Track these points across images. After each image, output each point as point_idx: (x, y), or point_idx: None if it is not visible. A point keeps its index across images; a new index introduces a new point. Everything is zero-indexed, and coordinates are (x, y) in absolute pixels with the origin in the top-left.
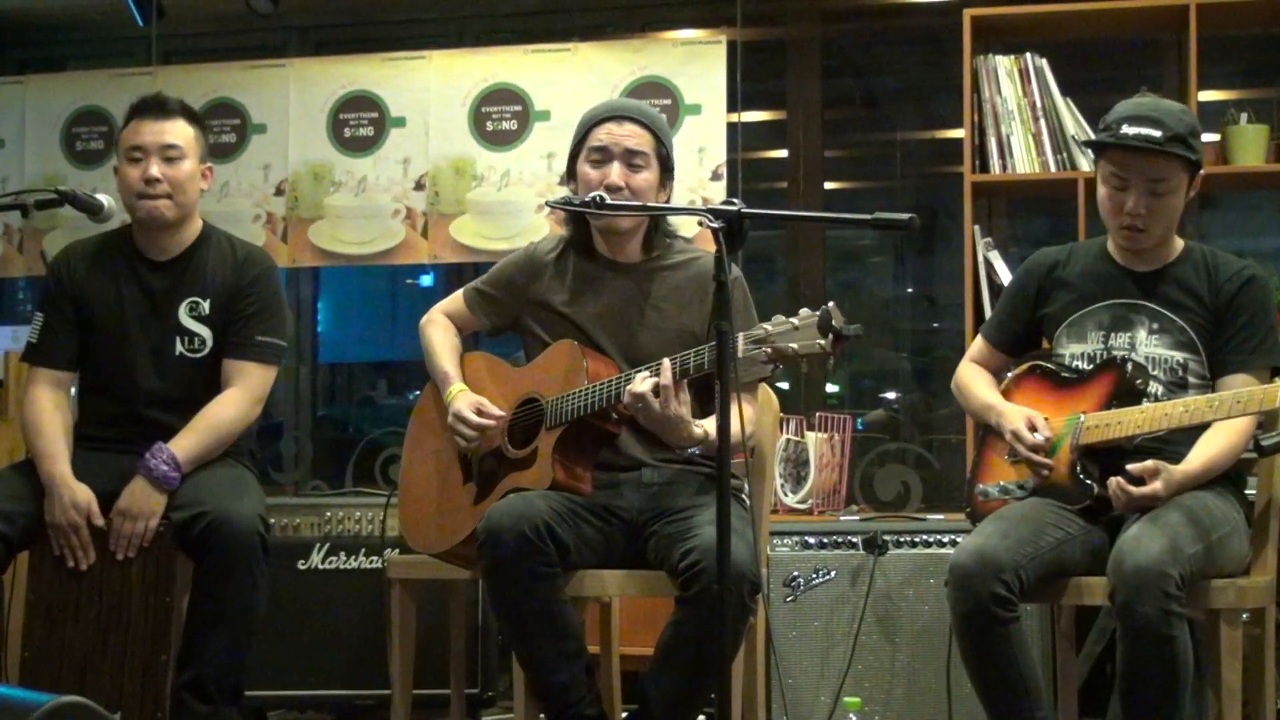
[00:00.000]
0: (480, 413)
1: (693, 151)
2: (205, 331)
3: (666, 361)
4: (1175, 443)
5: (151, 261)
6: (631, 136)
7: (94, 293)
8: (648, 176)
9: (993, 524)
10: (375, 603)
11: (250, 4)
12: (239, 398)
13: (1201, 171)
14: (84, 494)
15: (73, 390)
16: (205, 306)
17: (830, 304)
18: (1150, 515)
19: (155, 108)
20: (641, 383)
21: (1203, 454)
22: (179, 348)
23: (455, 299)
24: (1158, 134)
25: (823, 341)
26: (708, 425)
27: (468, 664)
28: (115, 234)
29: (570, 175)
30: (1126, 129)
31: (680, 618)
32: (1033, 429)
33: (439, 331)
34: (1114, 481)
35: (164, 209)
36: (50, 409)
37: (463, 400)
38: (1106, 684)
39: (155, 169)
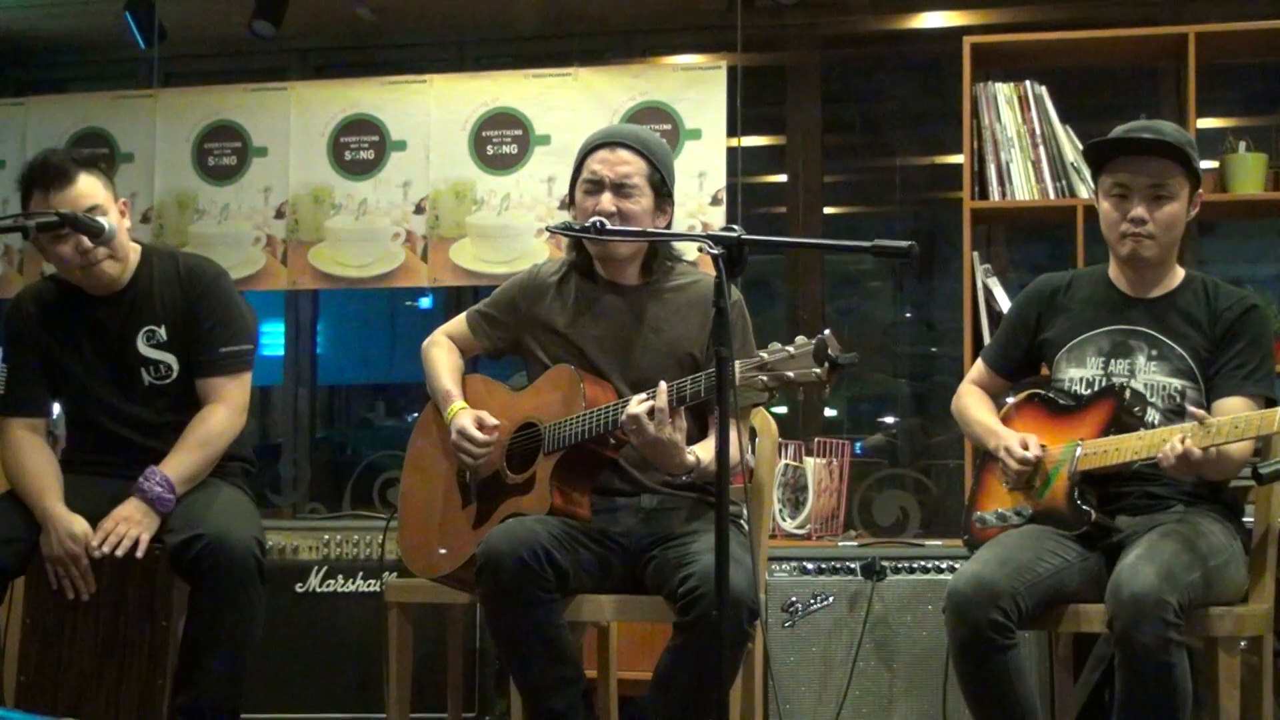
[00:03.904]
0: (482, 426)
1: (693, 176)
2: (169, 358)
3: (663, 384)
4: (1171, 471)
5: (98, 299)
6: (623, 164)
7: (51, 337)
8: (640, 203)
9: (990, 551)
10: (373, 626)
11: (252, 27)
12: (223, 412)
13: (1200, 191)
14: (80, 525)
15: (57, 408)
16: (162, 333)
17: (826, 332)
18: (1148, 543)
19: (57, 175)
20: (637, 405)
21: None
22: (146, 378)
23: (458, 322)
24: (1156, 138)
25: (818, 370)
26: (699, 452)
27: (465, 688)
28: (59, 276)
29: (571, 200)
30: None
31: (678, 643)
32: (1025, 447)
33: (442, 353)
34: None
35: (109, 269)
36: (29, 451)
37: (465, 417)
38: (1104, 711)
39: (87, 239)
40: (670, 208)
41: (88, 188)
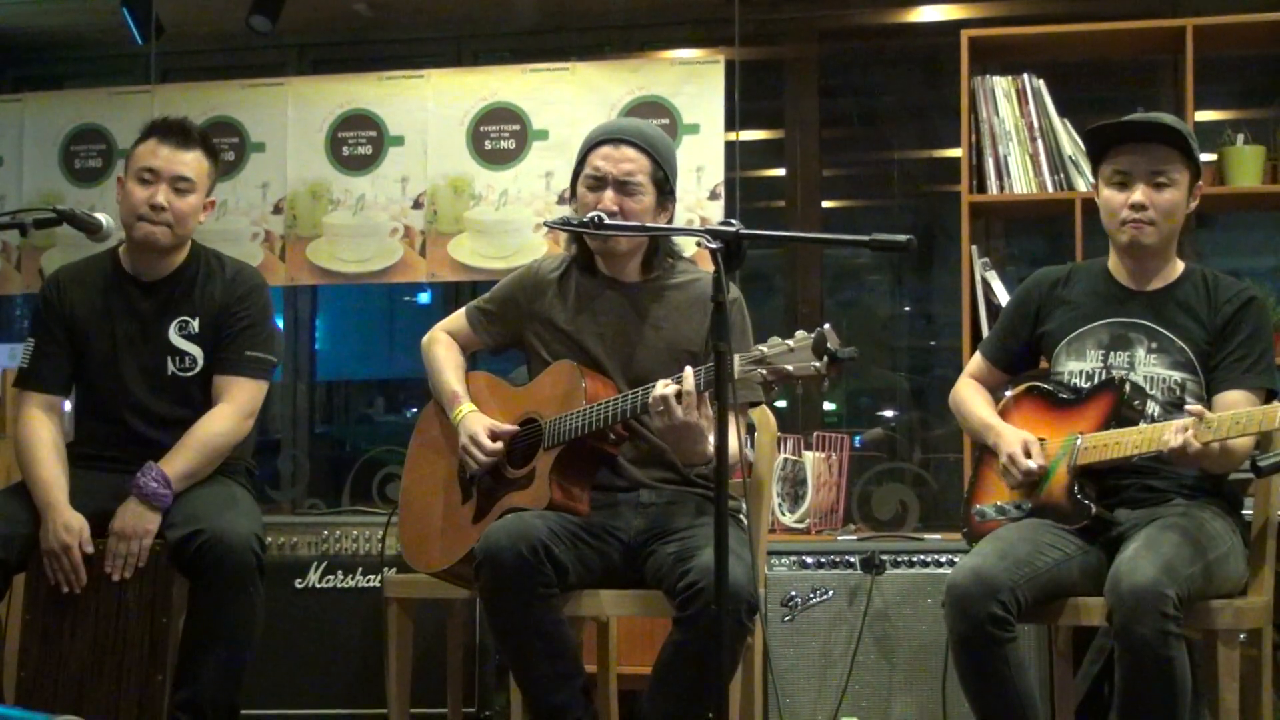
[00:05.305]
0: (494, 436)
1: (691, 171)
2: (196, 350)
3: (689, 369)
4: (1173, 463)
5: (140, 282)
6: (627, 161)
7: (84, 315)
8: (642, 201)
9: (990, 544)
10: (372, 622)
11: (249, 22)
12: (228, 414)
13: (1200, 182)
14: (77, 520)
15: (67, 406)
16: (195, 325)
17: (826, 326)
18: (1147, 536)
19: (178, 134)
20: (664, 387)
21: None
22: (170, 367)
23: (458, 317)
24: (1157, 122)
25: (818, 364)
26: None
27: (465, 683)
28: (104, 256)
29: (573, 194)
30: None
31: (678, 638)
32: (1028, 454)
33: (443, 350)
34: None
35: (160, 236)
36: (43, 434)
37: (476, 423)
38: (1104, 704)
39: (162, 197)
40: (672, 205)
41: (193, 161)
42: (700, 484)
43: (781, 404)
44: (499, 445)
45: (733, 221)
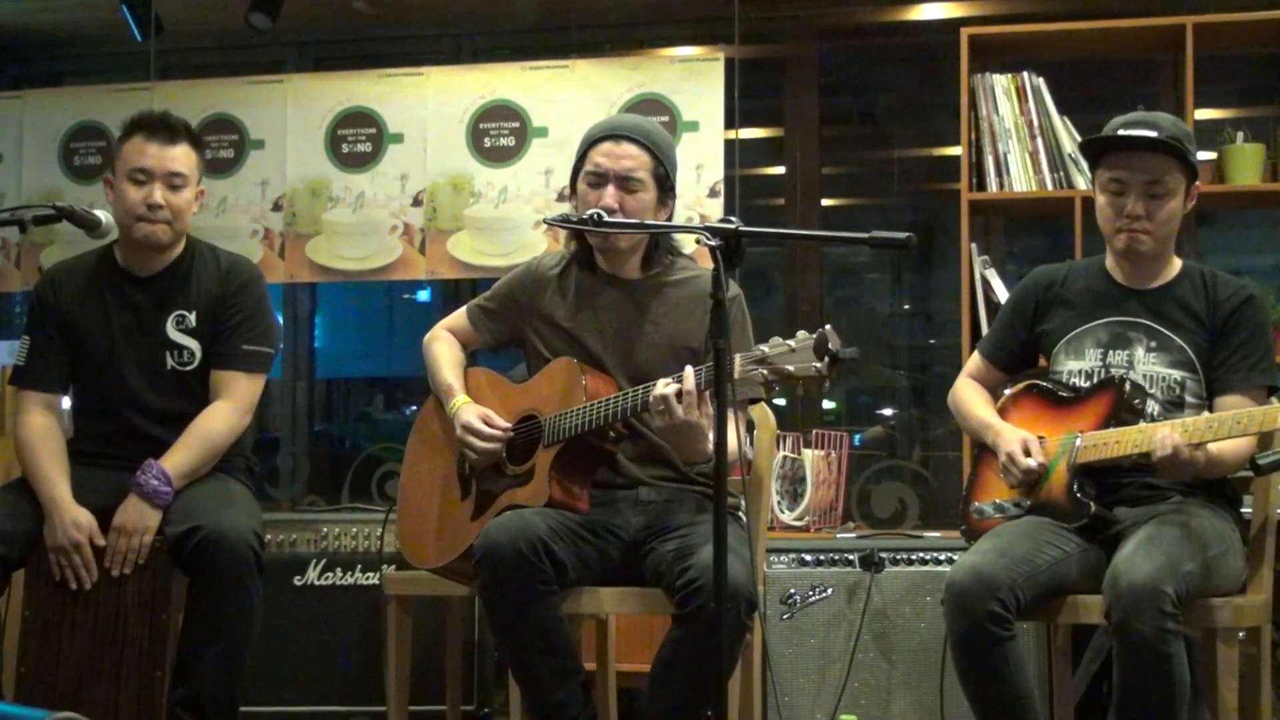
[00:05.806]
0: (489, 423)
1: (690, 168)
2: (193, 344)
3: (690, 368)
4: (1162, 473)
5: (136, 278)
6: (627, 158)
7: (80, 313)
8: (643, 198)
9: (989, 542)
10: (371, 619)
11: (249, 20)
12: (227, 409)
13: (1198, 183)
14: (85, 516)
15: (66, 403)
16: (192, 319)
17: (827, 326)
18: (1146, 533)
19: (163, 130)
20: (664, 386)
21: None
22: (169, 362)
23: (459, 315)
24: (1154, 134)
25: (819, 364)
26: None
27: (464, 681)
28: (98, 252)
29: (573, 191)
30: (1123, 131)
31: (677, 636)
32: (1027, 453)
33: (443, 346)
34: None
35: (161, 234)
36: (43, 432)
37: (470, 412)
38: (1103, 702)
39: (159, 195)
40: (672, 200)
41: (184, 156)
42: (699, 481)
43: (781, 402)
44: (498, 431)
45: (732, 219)
